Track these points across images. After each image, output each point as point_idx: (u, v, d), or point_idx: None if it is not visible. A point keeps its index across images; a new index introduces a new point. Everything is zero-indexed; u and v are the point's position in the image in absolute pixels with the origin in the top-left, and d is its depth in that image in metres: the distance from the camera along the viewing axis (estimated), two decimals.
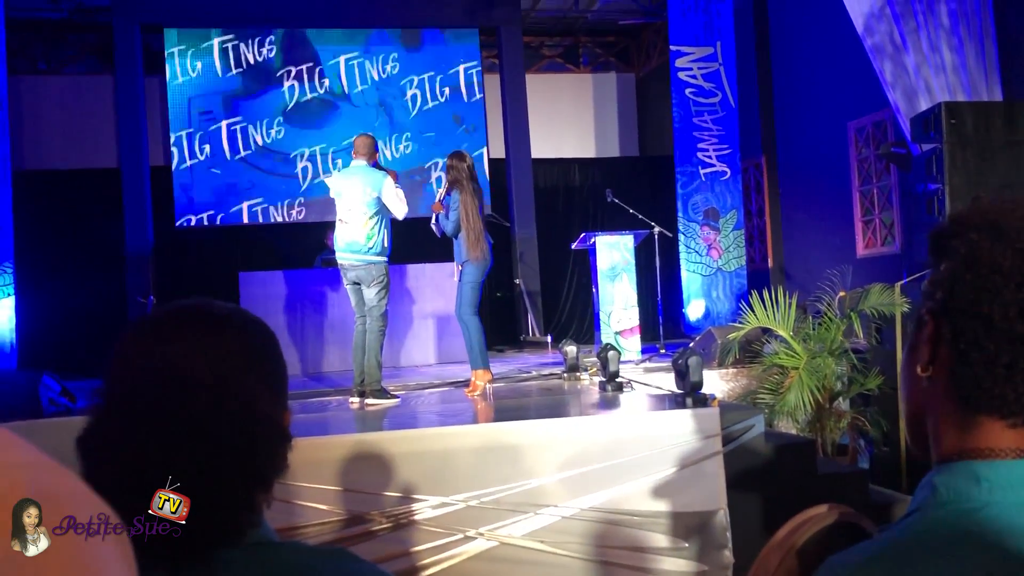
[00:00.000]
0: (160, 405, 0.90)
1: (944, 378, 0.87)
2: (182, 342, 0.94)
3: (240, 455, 0.92)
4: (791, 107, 10.45)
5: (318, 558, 0.96)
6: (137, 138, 10.58)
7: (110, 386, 0.94)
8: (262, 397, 0.97)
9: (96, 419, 0.93)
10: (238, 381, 0.95)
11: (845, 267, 6.71)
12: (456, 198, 5.81)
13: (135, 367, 0.93)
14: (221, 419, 0.91)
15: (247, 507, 0.93)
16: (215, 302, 1.01)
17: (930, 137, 5.98)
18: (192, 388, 0.91)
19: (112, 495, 0.88)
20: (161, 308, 1.00)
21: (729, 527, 4.24)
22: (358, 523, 4.02)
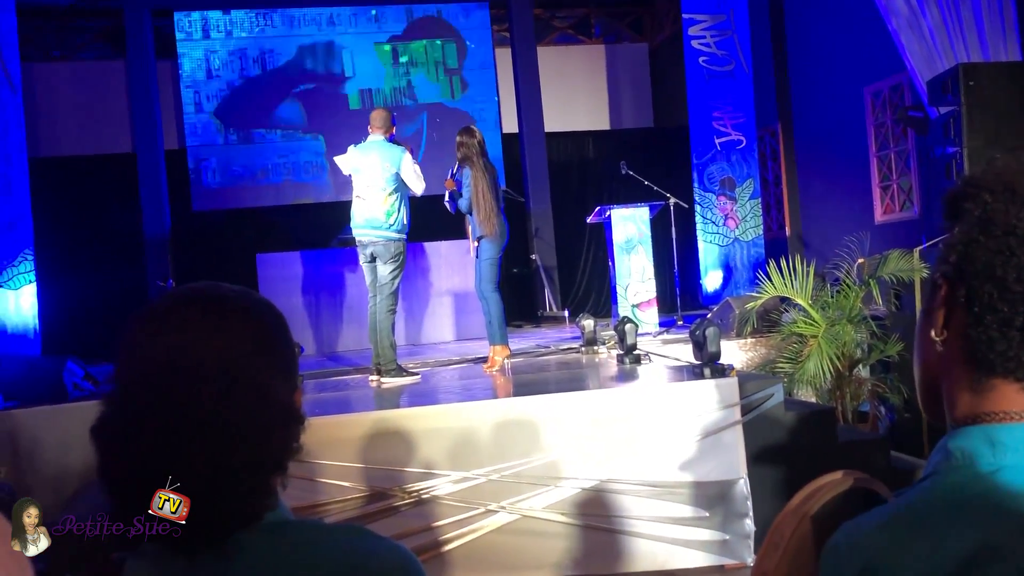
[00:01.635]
0: (171, 396, 0.90)
1: (958, 342, 0.86)
2: (189, 331, 0.93)
3: (254, 441, 0.92)
4: (806, 73, 10.33)
5: (334, 536, 0.97)
6: (151, 123, 10.62)
7: (120, 376, 0.94)
8: (273, 380, 0.96)
9: (109, 409, 0.93)
10: (248, 366, 0.94)
11: (863, 234, 6.65)
12: (468, 174, 5.77)
13: (144, 357, 0.93)
14: (233, 407, 0.91)
15: (263, 492, 0.94)
16: (222, 285, 1.01)
17: (947, 100, 5.89)
18: (202, 378, 0.91)
19: (128, 484, 0.89)
20: (167, 294, 1.00)
21: (750, 496, 4.25)
22: (380, 499, 4.06)
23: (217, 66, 10.94)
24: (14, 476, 4.89)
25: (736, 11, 10.12)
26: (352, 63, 11.31)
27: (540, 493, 4.16)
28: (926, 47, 6.64)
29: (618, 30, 13.19)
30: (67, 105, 11.10)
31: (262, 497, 0.93)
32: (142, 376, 0.92)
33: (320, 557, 0.93)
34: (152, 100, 10.66)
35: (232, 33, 11.02)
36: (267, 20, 11.10)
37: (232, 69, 10.98)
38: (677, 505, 4.23)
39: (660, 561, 4.20)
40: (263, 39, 11.10)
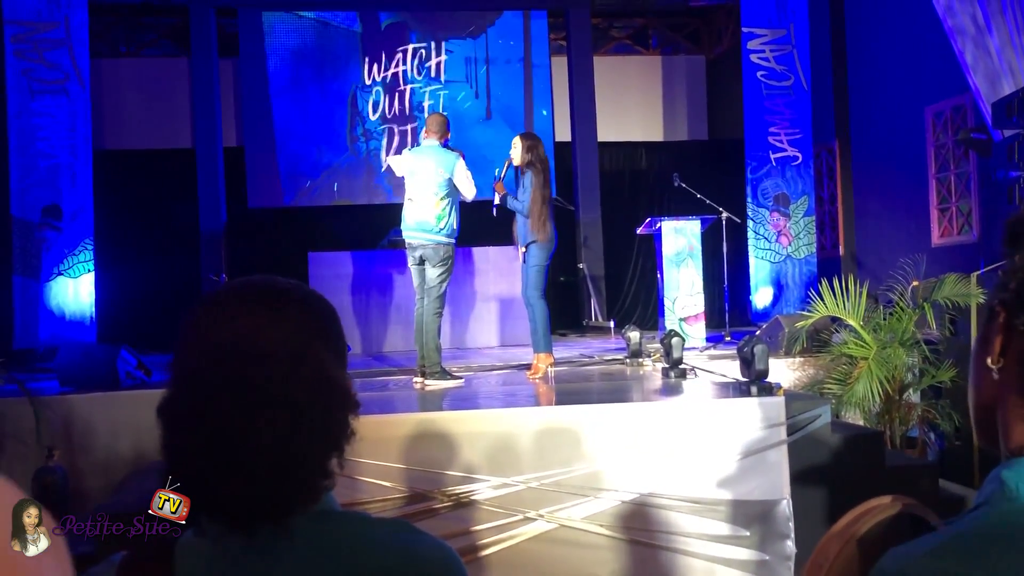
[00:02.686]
0: (241, 375, 0.95)
1: (1015, 370, 0.85)
2: (255, 315, 0.99)
3: (317, 420, 0.97)
4: (866, 91, 10.17)
5: (379, 529, 0.99)
6: (211, 119, 10.83)
7: (188, 358, 0.99)
8: (332, 364, 1.02)
9: (177, 390, 0.98)
10: (309, 349, 1.00)
11: (919, 256, 6.52)
12: (530, 179, 5.77)
13: (212, 340, 0.98)
14: (298, 386, 0.97)
15: (323, 472, 0.98)
16: (278, 278, 1.06)
17: (1012, 123, 5.77)
18: (269, 358, 0.96)
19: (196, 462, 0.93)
20: (228, 284, 1.05)
21: (792, 517, 4.19)
22: (420, 501, 4.09)
23: (279, 65, 11.13)
24: (67, 459, 5.01)
25: (796, 26, 10.03)
26: (416, 67, 11.41)
27: (579, 503, 4.15)
28: (992, 67, 6.50)
29: (675, 42, 13.13)
30: (132, 100, 11.39)
31: (322, 477, 0.98)
32: (211, 358, 0.96)
33: (366, 548, 0.96)
34: (213, 97, 10.88)
35: (297, 32, 11.19)
36: (332, 19, 11.26)
37: (294, 68, 11.15)
38: (718, 523, 4.19)
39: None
40: (327, 40, 11.26)
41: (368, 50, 11.35)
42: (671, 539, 4.17)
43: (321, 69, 11.24)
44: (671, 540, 4.17)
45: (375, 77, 11.35)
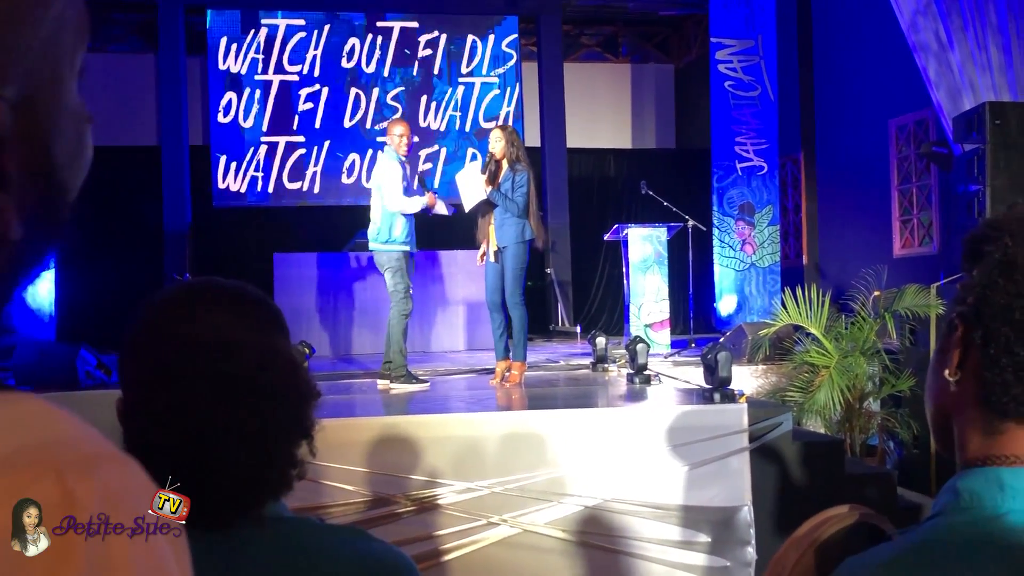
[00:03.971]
0: (218, 368, 0.95)
1: (972, 383, 0.86)
2: (217, 311, 0.99)
3: (291, 409, 0.99)
4: (831, 103, 10.31)
5: (332, 536, 0.99)
6: (177, 118, 10.72)
7: (154, 355, 0.97)
8: (295, 356, 1.04)
9: (146, 387, 0.97)
10: (277, 343, 1.01)
11: (880, 266, 6.62)
12: (525, 177, 5.56)
13: (181, 335, 0.97)
14: (274, 376, 0.98)
15: (294, 461, 1.00)
16: (217, 278, 1.07)
17: (973, 137, 5.87)
18: (243, 348, 0.97)
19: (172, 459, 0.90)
20: (175, 286, 1.05)
21: (753, 524, 4.22)
22: (383, 505, 4.07)
23: (246, 67, 11.02)
24: None
25: (764, 37, 10.14)
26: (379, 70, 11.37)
27: (543, 508, 4.15)
28: (953, 83, 6.63)
29: (645, 50, 13.22)
30: (97, 96, 11.21)
31: (293, 466, 1.00)
32: (184, 352, 0.96)
33: (319, 556, 0.96)
34: (180, 95, 10.76)
35: (263, 33, 11.10)
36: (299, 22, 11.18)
37: (263, 70, 11.06)
38: (679, 528, 4.21)
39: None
40: (297, 43, 11.18)
41: (338, 50, 11.28)
42: (632, 544, 4.18)
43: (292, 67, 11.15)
44: (632, 545, 4.18)
45: (347, 77, 11.29)
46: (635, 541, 4.18)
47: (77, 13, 0.54)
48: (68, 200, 0.56)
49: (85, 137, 0.56)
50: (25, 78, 0.49)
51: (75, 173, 0.55)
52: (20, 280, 0.52)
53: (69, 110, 0.54)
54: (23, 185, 0.49)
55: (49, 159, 0.52)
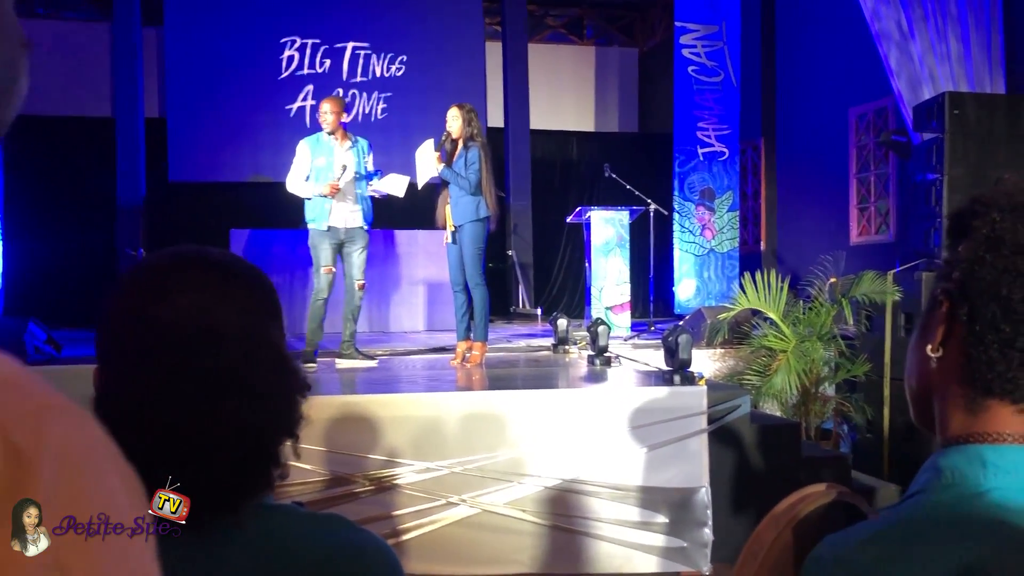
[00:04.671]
0: (198, 359, 0.87)
1: (955, 359, 0.85)
2: (204, 291, 0.91)
3: (277, 405, 0.91)
4: (793, 90, 10.40)
5: (315, 525, 0.95)
6: (132, 89, 10.47)
7: (130, 339, 0.89)
8: (284, 345, 0.96)
9: (121, 376, 0.89)
10: (263, 329, 0.93)
11: (838, 253, 6.69)
12: (477, 153, 5.57)
13: (160, 319, 0.89)
14: (258, 369, 0.90)
15: (278, 460, 0.93)
16: (210, 249, 0.98)
17: (932, 127, 5.95)
18: (226, 339, 0.89)
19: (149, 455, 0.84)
20: (160, 256, 0.96)
21: (710, 505, 4.26)
22: (341, 484, 4.02)
23: (205, 36, 10.78)
24: None
25: (728, 23, 10.18)
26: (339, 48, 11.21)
27: (502, 489, 4.14)
28: (914, 73, 6.70)
29: (610, 33, 13.20)
30: (49, 64, 10.89)
31: (278, 464, 0.92)
32: (162, 340, 0.88)
33: (300, 545, 0.92)
34: (136, 66, 10.51)
35: (222, 3, 10.87)
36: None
37: (219, 40, 10.83)
38: (638, 509, 4.23)
39: (617, 564, 4.20)
40: (252, 12, 10.96)
41: (298, 21, 11.09)
42: (591, 525, 4.20)
43: (248, 40, 10.93)
44: (591, 526, 4.20)
45: (305, 49, 11.11)
46: (594, 522, 4.19)
47: None
48: None
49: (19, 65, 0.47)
50: None
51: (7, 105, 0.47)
52: None
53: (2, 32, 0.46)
54: None
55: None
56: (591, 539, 4.19)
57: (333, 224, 5.67)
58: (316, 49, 11.15)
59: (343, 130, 5.75)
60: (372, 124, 11.09)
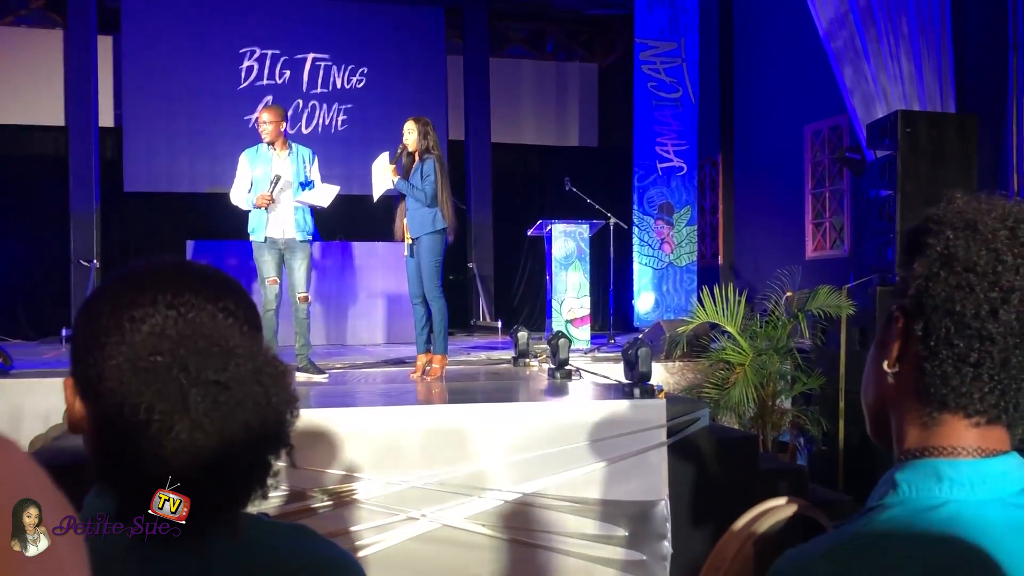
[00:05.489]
0: (207, 373, 0.84)
1: (911, 375, 0.87)
2: (199, 306, 0.88)
3: (276, 418, 0.89)
4: (750, 107, 10.55)
5: (279, 534, 0.93)
6: (87, 97, 10.30)
7: (125, 354, 0.85)
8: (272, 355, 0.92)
9: (118, 393, 0.84)
10: (258, 342, 0.91)
11: (794, 267, 6.80)
12: (432, 165, 5.56)
13: (158, 333, 0.86)
14: (262, 383, 0.87)
15: (271, 471, 0.90)
16: (189, 261, 0.96)
17: (885, 144, 6.07)
18: (230, 355, 0.86)
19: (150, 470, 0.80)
20: (139, 267, 0.92)
21: (670, 518, 4.27)
22: (299, 499, 3.97)
23: (161, 44, 10.65)
24: None
25: (687, 40, 10.31)
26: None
27: (462, 503, 4.12)
28: (868, 91, 6.85)
29: (571, 48, 13.29)
30: None
31: (272, 474, 0.90)
32: (164, 347, 0.84)
33: (266, 554, 0.90)
34: (90, 74, 10.34)
35: (181, 13, 10.75)
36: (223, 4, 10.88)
37: (178, 49, 10.71)
38: (597, 523, 4.23)
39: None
40: (212, 22, 10.86)
41: (256, 30, 11.01)
42: (551, 539, 4.19)
43: (208, 51, 10.83)
44: (551, 540, 4.19)
45: (263, 58, 11.03)
46: (554, 535, 4.18)
47: None
48: None
49: None
50: None
51: None
52: None
53: None
54: None
55: None
56: (552, 553, 4.18)
57: (270, 235, 5.66)
58: (276, 60, 11.08)
59: (283, 139, 5.71)
60: (332, 136, 11.04)
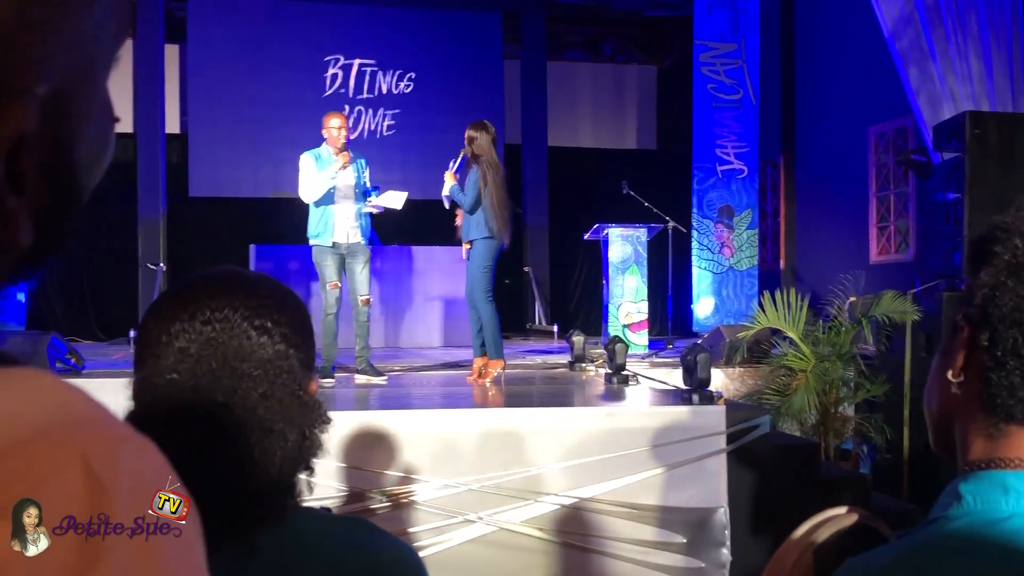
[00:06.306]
0: (218, 393, 0.88)
1: (976, 385, 0.85)
2: (234, 324, 0.92)
3: (290, 441, 0.91)
4: (812, 108, 10.38)
5: (341, 528, 0.96)
6: (154, 104, 10.58)
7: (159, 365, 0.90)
8: (306, 379, 0.96)
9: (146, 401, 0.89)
10: (285, 364, 0.93)
11: (858, 272, 6.67)
12: (475, 173, 5.62)
13: (187, 349, 0.90)
14: (274, 408, 0.90)
15: (291, 491, 0.93)
16: (249, 273, 1.01)
17: (952, 146, 5.91)
18: (247, 378, 0.89)
19: None
20: (199, 280, 0.96)
21: (728, 525, 4.23)
22: (357, 500, 4.03)
23: (224, 52, 10.90)
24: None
25: (747, 41, 10.18)
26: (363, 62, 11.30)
27: (519, 507, 4.13)
28: (934, 92, 6.68)
29: (628, 51, 13.23)
30: None
31: (290, 497, 0.93)
32: (187, 369, 0.89)
33: (326, 547, 0.93)
34: (158, 82, 10.62)
35: (244, 21, 10.99)
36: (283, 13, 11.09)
37: (239, 57, 10.94)
38: (655, 529, 4.21)
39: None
40: (276, 33, 11.07)
41: (319, 38, 11.20)
42: (608, 544, 4.18)
43: (267, 58, 11.04)
44: (608, 545, 4.18)
45: (326, 66, 11.21)
46: (611, 541, 4.17)
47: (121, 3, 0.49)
48: (82, 202, 0.51)
49: (109, 136, 0.51)
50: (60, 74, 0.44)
51: (94, 175, 0.51)
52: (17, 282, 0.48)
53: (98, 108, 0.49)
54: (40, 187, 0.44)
55: (71, 161, 0.48)
56: (608, 558, 4.17)
57: (337, 239, 5.72)
58: (330, 65, 11.26)
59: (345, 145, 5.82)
60: (377, 141, 11.15)
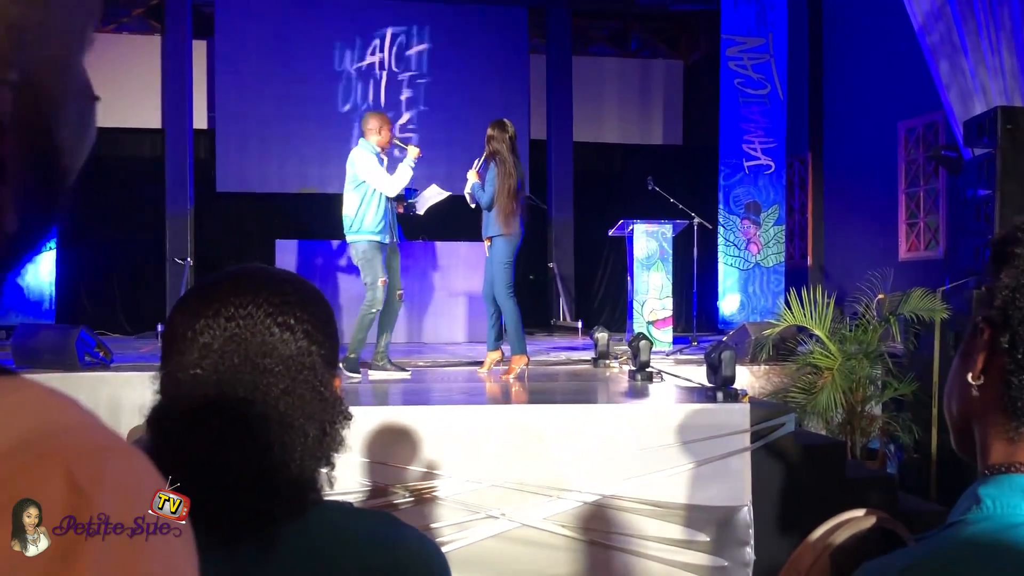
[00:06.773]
0: (239, 390, 0.90)
1: (997, 388, 0.84)
2: (258, 320, 0.93)
3: (310, 437, 0.93)
4: (840, 104, 10.27)
5: (365, 521, 0.97)
6: (182, 100, 10.68)
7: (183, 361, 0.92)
8: (328, 376, 0.97)
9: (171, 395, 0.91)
10: (307, 361, 0.95)
11: (886, 269, 6.58)
12: (493, 169, 5.66)
13: (211, 345, 0.91)
14: (294, 403, 0.92)
15: (312, 487, 0.95)
16: (275, 270, 1.01)
17: (983, 142, 5.83)
18: (269, 373, 0.91)
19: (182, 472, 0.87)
20: (225, 277, 0.98)
21: (752, 524, 4.20)
22: (380, 495, 4.05)
23: (252, 48, 10.97)
24: None
25: (775, 36, 10.09)
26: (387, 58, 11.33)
27: (541, 503, 4.13)
28: (965, 87, 6.58)
29: (654, 45, 13.16)
30: (101, 76, 11.12)
31: (310, 492, 0.94)
32: (210, 365, 0.91)
33: (350, 540, 0.93)
34: (186, 78, 10.72)
35: (271, 17, 11.05)
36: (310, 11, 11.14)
37: (267, 53, 11.01)
38: (679, 527, 4.19)
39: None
40: (302, 29, 11.13)
41: (345, 34, 11.24)
42: (631, 542, 4.17)
43: (295, 55, 11.10)
44: (630, 543, 4.17)
45: (351, 63, 11.26)
46: (634, 538, 4.16)
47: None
48: (67, 184, 0.51)
49: (90, 118, 0.51)
50: (31, 58, 0.44)
51: (77, 156, 0.51)
52: (11, 268, 0.49)
53: (76, 90, 0.50)
54: (22, 173, 0.45)
55: (52, 144, 0.48)
56: (630, 556, 4.16)
57: (391, 237, 5.79)
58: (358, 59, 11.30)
59: None
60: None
